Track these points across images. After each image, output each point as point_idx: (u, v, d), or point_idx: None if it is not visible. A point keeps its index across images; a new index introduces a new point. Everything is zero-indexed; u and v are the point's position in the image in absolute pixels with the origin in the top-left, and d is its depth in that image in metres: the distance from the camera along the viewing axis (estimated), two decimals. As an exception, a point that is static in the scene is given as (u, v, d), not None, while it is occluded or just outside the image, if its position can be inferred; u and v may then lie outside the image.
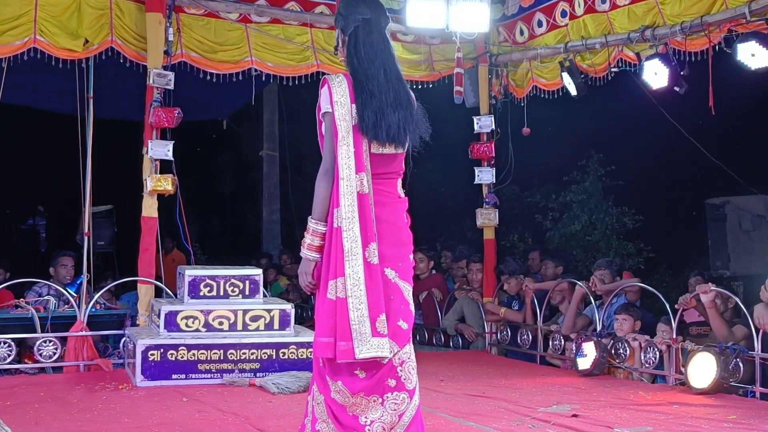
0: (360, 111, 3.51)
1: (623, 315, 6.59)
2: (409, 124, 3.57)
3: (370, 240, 3.48)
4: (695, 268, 7.44)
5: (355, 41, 3.60)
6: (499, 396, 5.67)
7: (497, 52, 8.52)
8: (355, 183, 3.48)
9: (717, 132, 8.94)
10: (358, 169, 3.49)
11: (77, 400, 5.44)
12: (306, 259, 3.58)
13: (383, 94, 3.53)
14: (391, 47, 3.66)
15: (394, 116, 3.53)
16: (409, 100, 3.61)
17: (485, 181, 8.50)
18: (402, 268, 3.58)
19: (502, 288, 8.11)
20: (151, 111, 6.91)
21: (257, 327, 6.25)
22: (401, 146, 3.58)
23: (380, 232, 3.52)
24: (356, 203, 3.47)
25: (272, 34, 7.71)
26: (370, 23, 3.62)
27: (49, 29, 6.75)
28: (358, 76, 3.56)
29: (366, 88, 3.53)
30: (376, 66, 3.56)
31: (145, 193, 6.99)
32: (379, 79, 3.54)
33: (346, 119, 3.52)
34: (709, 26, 6.63)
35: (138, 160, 7.12)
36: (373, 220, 3.50)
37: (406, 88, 3.63)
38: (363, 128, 3.50)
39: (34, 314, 6.59)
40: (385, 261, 3.52)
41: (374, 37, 3.60)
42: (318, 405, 3.56)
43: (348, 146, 3.50)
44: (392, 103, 3.53)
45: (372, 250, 3.48)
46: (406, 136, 3.58)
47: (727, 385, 5.63)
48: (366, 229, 3.48)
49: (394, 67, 3.61)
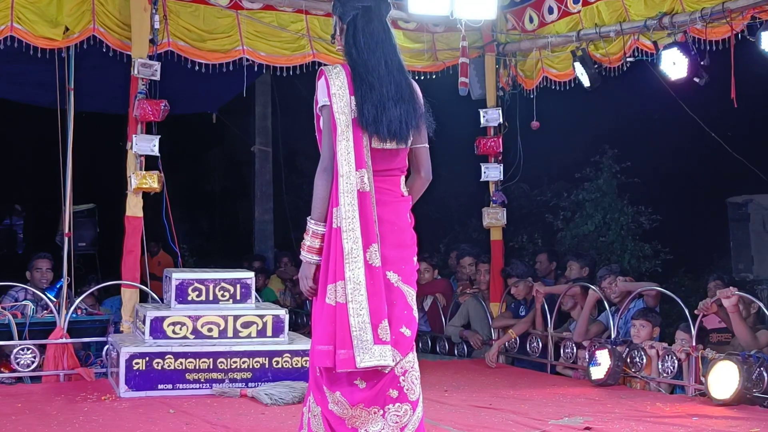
0: (359, 104, 3.51)
1: (641, 321, 6.58)
2: (412, 119, 3.57)
3: (372, 241, 3.48)
4: (716, 271, 7.44)
5: (354, 30, 3.60)
6: (507, 407, 5.68)
7: (505, 40, 8.52)
8: (356, 180, 3.49)
9: (739, 126, 8.96)
10: (358, 166, 3.50)
11: (57, 412, 5.44)
12: (306, 263, 3.58)
13: (384, 87, 3.52)
14: (393, 37, 3.65)
15: (396, 110, 3.52)
16: (411, 93, 3.60)
17: (492, 179, 8.50)
18: (405, 271, 3.57)
19: (509, 292, 8.11)
20: (136, 103, 6.91)
21: (249, 334, 6.25)
22: (403, 142, 3.58)
23: (382, 233, 3.52)
24: (357, 202, 3.48)
25: (265, 21, 7.71)
26: (370, 11, 3.61)
27: (27, 16, 6.75)
28: (358, 67, 3.56)
29: (366, 80, 3.53)
30: (377, 57, 3.56)
31: (130, 191, 6.99)
32: (380, 71, 3.54)
33: (345, 112, 3.52)
34: (731, 13, 6.63)
35: (122, 155, 7.12)
36: (374, 220, 3.50)
37: (409, 80, 3.63)
38: (363, 123, 3.50)
39: (11, 320, 6.58)
40: (387, 264, 3.52)
41: (374, 26, 3.60)
42: (314, 417, 3.56)
43: (347, 141, 3.50)
44: (394, 96, 3.53)
45: (374, 252, 3.48)
46: (409, 132, 3.57)
47: (751, 396, 5.63)
48: (367, 230, 3.48)
49: (396, 58, 3.61)
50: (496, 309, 8.24)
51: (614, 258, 9.99)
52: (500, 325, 8.02)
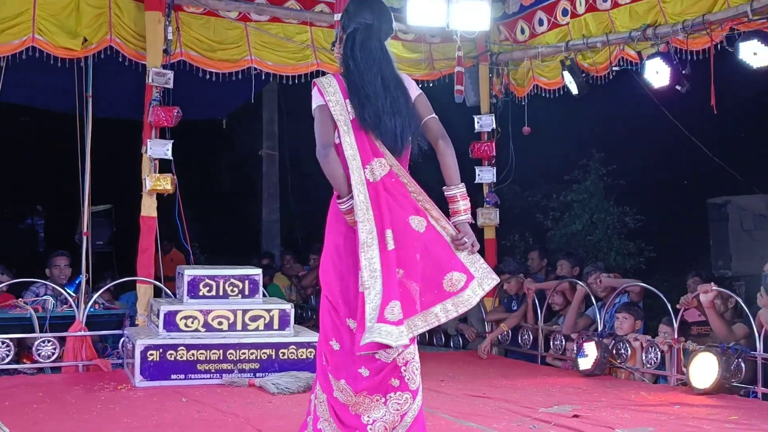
0: (359, 110, 3.50)
1: (624, 314, 6.59)
2: (408, 133, 3.55)
3: (386, 227, 3.43)
4: (696, 268, 7.44)
5: (352, 43, 3.59)
6: (500, 396, 5.68)
7: (498, 50, 8.52)
8: (363, 174, 3.46)
9: (719, 131, 8.94)
10: (365, 160, 3.48)
11: (76, 401, 5.44)
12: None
13: (380, 101, 3.51)
14: (390, 56, 3.63)
15: (391, 123, 3.51)
16: (408, 108, 3.57)
17: (486, 181, 8.51)
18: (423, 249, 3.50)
19: (501, 288, 8.10)
20: (150, 110, 6.92)
21: (257, 327, 6.25)
22: (397, 153, 3.56)
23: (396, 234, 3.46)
24: (368, 193, 3.44)
25: (272, 32, 7.72)
26: (370, 29, 3.60)
27: (48, 28, 6.76)
28: (353, 77, 3.54)
29: (362, 90, 3.52)
30: (373, 73, 3.54)
31: (144, 193, 6.99)
32: (376, 85, 3.52)
33: (343, 114, 3.52)
34: (710, 25, 6.64)
35: (137, 159, 7.12)
36: (387, 209, 3.46)
37: (407, 95, 3.59)
38: (364, 125, 3.50)
39: (33, 314, 6.58)
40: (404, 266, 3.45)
41: (373, 44, 3.58)
42: (320, 403, 3.56)
43: (351, 137, 3.49)
44: (390, 110, 3.51)
45: (389, 237, 3.42)
46: (403, 145, 3.55)
47: (729, 386, 5.63)
48: (381, 218, 3.44)
49: (393, 75, 3.58)
50: (489, 304, 8.24)
51: (601, 255, 9.99)
52: (493, 319, 8.01)
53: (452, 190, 3.65)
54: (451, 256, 3.56)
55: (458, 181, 3.65)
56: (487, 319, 8.08)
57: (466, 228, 3.63)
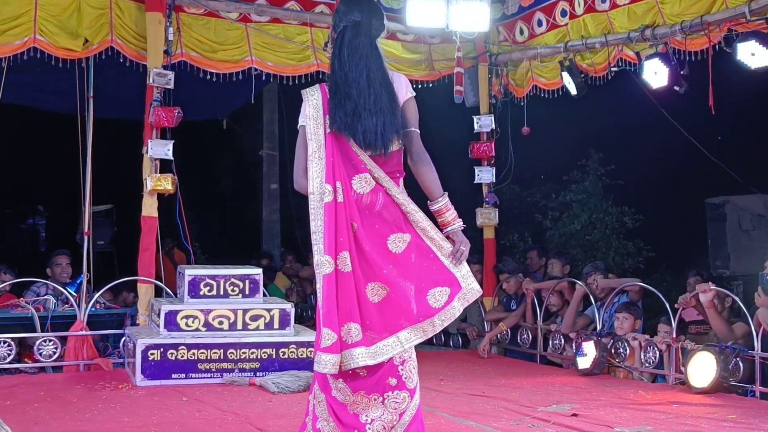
0: (332, 112, 3.46)
1: (624, 314, 6.59)
2: (390, 131, 3.48)
3: (342, 248, 3.41)
4: (695, 267, 7.43)
5: (341, 42, 3.53)
6: (499, 395, 5.68)
7: (497, 51, 8.52)
8: (322, 195, 3.42)
9: (717, 131, 8.94)
10: (327, 179, 3.43)
11: (77, 400, 5.44)
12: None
13: (362, 98, 3.45)
14: (380, 53, 3.57)
15: (372, 121, 3.44)
16: (392, 106, 3.50)
17: (485, 181, 8.51)
18: (402, 265, 3.49)
19: (501, 287, 8.11)
20: (151, 110, 6.92)
21: (257, 326, 6.25)
22: (378, 151, 3.49)
23: (373, 233, 3.46)
24: (323, 216, 3.41)
25: (272, 33, 7.72)
26: (359, 26, 3.55)
27: (49, 29, 6.76)
28: (336, 78, 3.49)
29: (342, 91, 3.46)
30: (359, 69, 3.48)
31: (145, 193, 6.99)
32: (360, 82, 3.46)
33: (317, 133, 3.48)
34: (709, 26, 6.64)
35: (138, 159, 7.12)
36: (349, 228, 3.43)
37: (392, 94, 3.52)
38: (336, 128, 3.46)
39: (34, 314, 6.59)
40: (380, 264, 3.45)
41: (361, 41, 3.52)
42: (319, 403, 3.56)
43: (320, 159, 3.46)
44: (371, 108, 3.44)
45: (343, 259, 3.40)
46: (385, 142, 3.47)
47: (727, 385, 5.63)
48: (336, 239, 3.40)
49: (380, 73, 3.51)
50: (489, 303, 8.25)
51: (599, 255, 9.98)
52: (492, 318, 8.02)
53: (436, 204, 3.60)
54: (438, 270, 3.53)
55: (440, 194, 3.59)
56: (486, 319, 8.08)
57: (459, 236, 3.60)
